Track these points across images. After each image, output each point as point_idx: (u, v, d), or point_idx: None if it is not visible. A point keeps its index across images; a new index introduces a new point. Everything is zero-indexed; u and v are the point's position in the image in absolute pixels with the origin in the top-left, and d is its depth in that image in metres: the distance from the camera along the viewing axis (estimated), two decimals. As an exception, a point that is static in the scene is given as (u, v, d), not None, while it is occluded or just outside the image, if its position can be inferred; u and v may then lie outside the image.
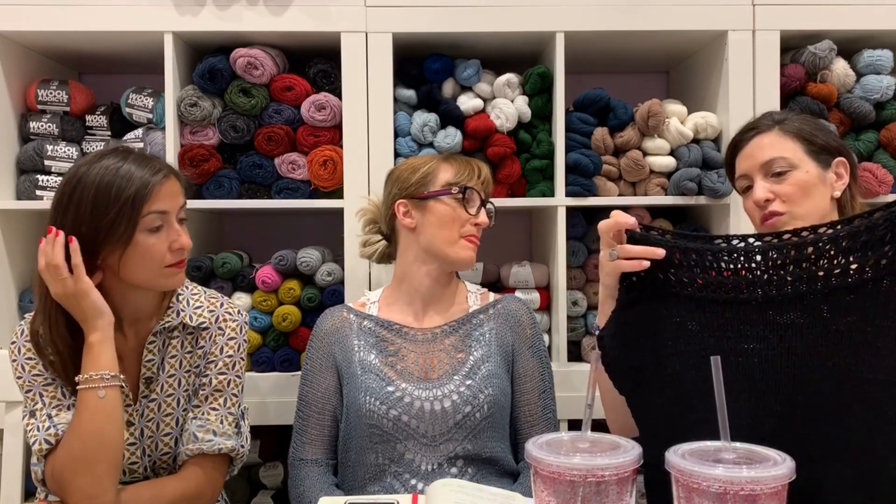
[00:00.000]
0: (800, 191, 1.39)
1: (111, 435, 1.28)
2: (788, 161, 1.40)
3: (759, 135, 1.46)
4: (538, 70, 1.97)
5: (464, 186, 1.56)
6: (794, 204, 1.39)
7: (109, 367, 1.30)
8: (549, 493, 0.89)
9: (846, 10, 1.95)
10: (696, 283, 1.08)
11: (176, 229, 1.38)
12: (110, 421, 1.28)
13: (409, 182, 1.58)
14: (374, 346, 1.57)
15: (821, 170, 1.41)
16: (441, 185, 1.57)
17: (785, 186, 1.40)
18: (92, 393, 1.28)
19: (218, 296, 1.54)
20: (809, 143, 1.41)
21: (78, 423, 1.28)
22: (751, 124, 1.50)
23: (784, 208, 1.39)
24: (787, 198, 1.39)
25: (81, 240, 1.30)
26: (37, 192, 2.00)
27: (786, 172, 1.40)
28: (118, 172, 1.31)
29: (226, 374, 1.46)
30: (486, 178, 1.62)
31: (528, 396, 1.58)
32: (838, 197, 1.41)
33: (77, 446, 1.27)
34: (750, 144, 1.47)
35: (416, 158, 1.66)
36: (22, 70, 2.07)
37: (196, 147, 1.95)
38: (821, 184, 1.40)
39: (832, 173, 1.42)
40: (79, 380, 1.29)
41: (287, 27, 1.93)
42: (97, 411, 1.27)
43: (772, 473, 0.82)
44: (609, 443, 0.93)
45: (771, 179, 1.42)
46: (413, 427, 1.49)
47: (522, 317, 1.62)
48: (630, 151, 1.98)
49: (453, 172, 1.58)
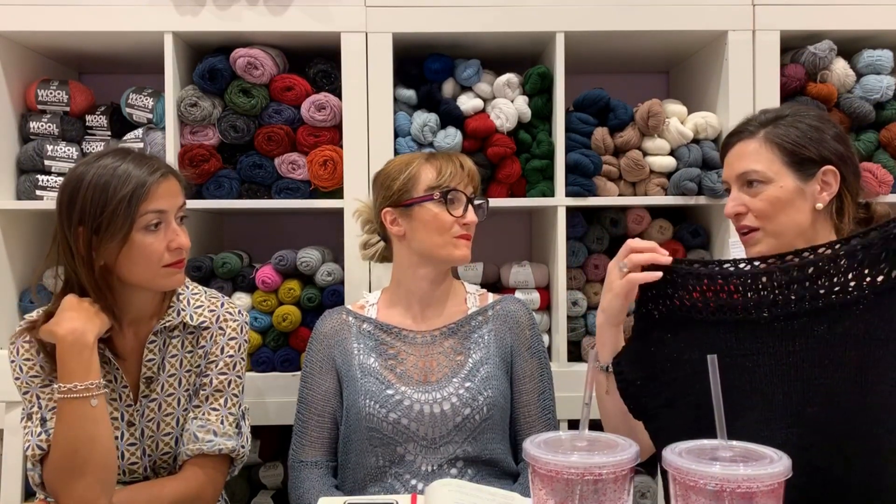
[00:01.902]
0: (771, 207, 1.33)
1: (103, 442, 1.28)
2: (762, 174, 1.34)
3: (742, 141, 1.39)
4: (538, 70, 1.97)
5: (446, 189, 1.53)
6: (767, 220, 1.34)
7: (98, 375, 1.30)
8: (547, 492, 0.89)
9: (846, 10, 1.95)
10: (709, 307, 1.13)
11: (174, 229, 1.38)
12: (102, 429, 1.28)
13: (392, 190, 1.56)
14: (373, 349, 1.57)
15: (799, 182, 1.33)
16: (424, 190, 1.54)
17: (757, 202, 1.35)
18: (83, 402, 1.27)
19: (219, 295, 1.54)
20: (791, 154, 1.34)
21: (68, 430, 1.27)
22: (739, 126, 1.43)
23: (757, 224, 1.35)
24: (758, 213, 1.35)
25: (81, 238, 1.31)
26: (37, 192, 2.00)
27: (760, 185, 1.35)
28: (116, 172, 1.32)
29: (226, 374, 1.46)
30: (471, 171, 1.58)
31: (528, 397, 1.58)
32: (821, 208, 1.34)
33: (70, 454, 1.26)
34: (732, 151, 1.41)
35: (399, 158, 1.62)
36: (22, 70, 2.07)
37: (196, 147, 1.95)
38: (797, 198, 1.33)
39: (816, 184, 1.33)
40: (66, 388, 1.27)
41: (287, 27, 1.93)
42: (86, 419, 1.27)
43: (768, 471, 0.82)
44: (606, 441, 0.93)
45: (745, 191, 1.37)
46: (413, 430, 1.49)
47: (521, 318, 1.62)
48: (630, 151, 1.98)
49: (435, 174, 1.54)
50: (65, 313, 1.31)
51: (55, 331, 1.29)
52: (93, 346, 1.29)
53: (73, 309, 1.32)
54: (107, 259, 1.34)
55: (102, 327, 1.33)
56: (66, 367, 1.27)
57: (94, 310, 1.33)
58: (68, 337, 1.27)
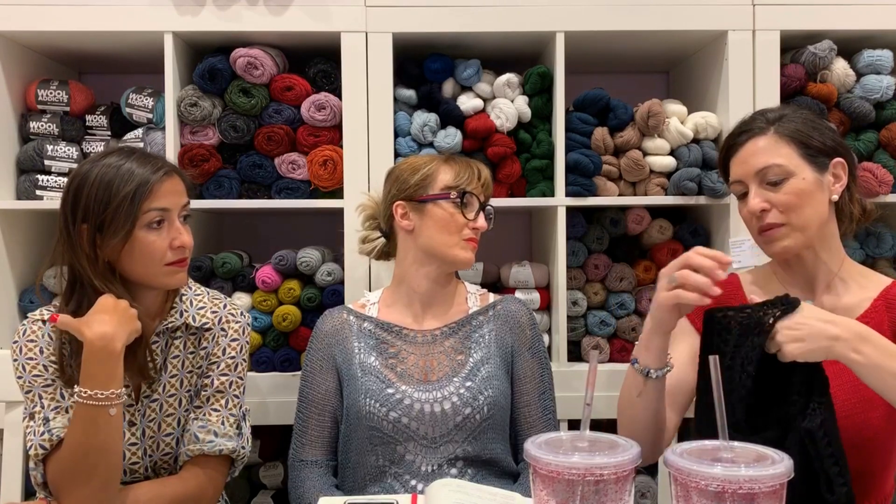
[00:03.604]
0: (797, 199, 1.33)
1: (114, 449, 1.28)
2: (784, 168, 1.33)
3: (753, 138, 1.37)
4: (538, 70, 1.97)
5: (462, 191, 1.55)
6: (792, 214, 1.33)
7: (121, 384, 1.28)
8: (548, 493, 0.89)
9: (846, 10, 1.95)
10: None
11: (177, 227, 1.38)
12: (116, 436, 1.28)
13: (408, 184, 1.57)
14: (373, 348, 1.57)
15: (817, 174, 1.34)
16: (440, 189, 1.56)
17: (781, 196, 1.33)
18: (101, 409, 1.25)
19: (221, 297, 1.54)
20: (805, 147, 1.34)
21: (81, 434, 1.26)
22: (744, 125, 1.42)
23: (782, 219, 1.34)
24: (784, 207, 1.33)
25: (85, 235, 1.32)
26: (37, 192, 2.00)
27: (781, 181, 1.33)
28: (119, 170, 1.33)
29: (228, 375, 1.46)
30: (486, 180, 1.61)
31: (528, 398, 1.58)
32: (836, 199, 1.36)
33: (80, 458, 1.26)
34: (744, 149, 1.39)
35: (417, 158, 1.65)
36: (22, 70, 2.07)
37: (196, 147, 1.95)
38: (818, 189, 1.34)
39: (830, 175, 1.36)
40: (87, 394, 1.25)
41: (287, 27, 1.93)
42: (101, 427, 1.26)
43: (770, 472, 0.82)
44: (607, 442, 0.93)
45: (766, 187, 1.35)
46: (413, 429, 1.49)
47: (522, 318, 1.62)
48: (630, 151, 1.98)
49: (453, 175, 1.56)
50: (97, 315, 1.29)
51: (84, 331, 1.27)
52: (119, 354, 1.27)
53: (107, 311, 1.30)
54: (110, 257, 1.34)
55: (133, 334, 1.32)
56: (90, 372, 1.26)
57: (130, 314, 1.32)
58: (96, 342, 1.25)
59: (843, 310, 1.35)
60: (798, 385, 1.11)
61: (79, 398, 1.25)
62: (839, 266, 1.40)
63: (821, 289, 1.40)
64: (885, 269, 2.03)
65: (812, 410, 1.09)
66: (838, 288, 1.39)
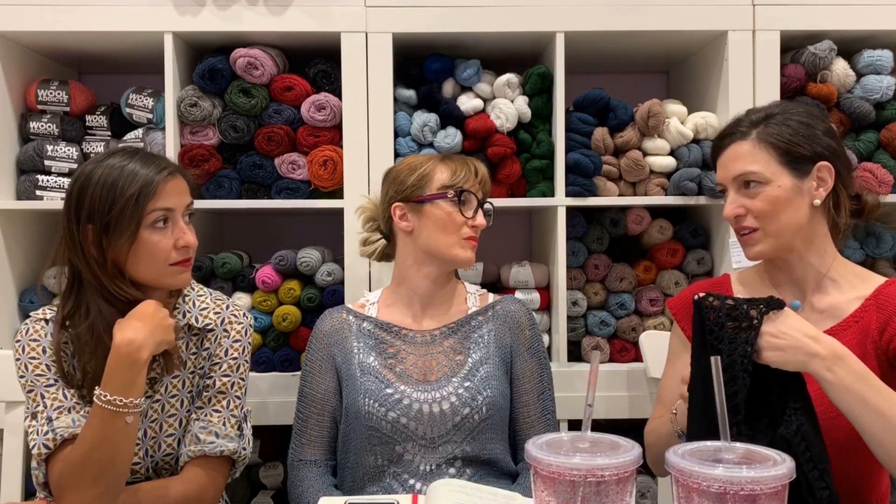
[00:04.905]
0: (770, 207, 1.34)
1: (125, 458, 1.27)
2: (760, 175, 1.34)
3: (735, 143, 1.39)
4: (538, 70, 1.97)
5: (460, 189, 1.55)
6: (766, 220, 1.35)
7: (141, 393, 1.27)
8: (549, 493, 0.89)
9: (846, 10, 1.95)
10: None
11: (181, 227, 1.39)
12: (129, 444, 1.27)
13: (405, 185, 1.57)
14: (373, 348, 1.57)
15: (796, 180, 1.35)
16: (437, 188, 1.55)
17: (756, 202, 1.35)
18: (118, 416, 1.24)
19: (224, 298, 1.54)
20: (785, 153, 1.35)
21: (95, 437, 1.25)
22: (729, 128, 1.43)
23: (756, 224, 1.36)
24: (758, 213, 1.35)
25: (90, 236, 1.32)
26: (37, 192, 2.00)
27: (758, 186, 1.35)
28: (123, 170, 1.33)
29: (230, 376, 1.46)
30: (484, 177, 1.61)
31: (527, 398, 1.58)
32: (819, 204, 1.36)
33: (89, 460, 1.25)
34: (725, 154, 1.41)
35: (413, 158, 1.64)
36: (22, 70, 2.07)
37: (196, 147, 1.95)
38: (795, 196, 1.35)
39: (813, 180, 1.35)
40: (106, 398, 1.24)
41: (287, 27, 1.93)
42: (115, 433, 1.25)
43: (771, 473, 0.82)
44: (609, 443, 0.93)
45: (743, 193, 1.37)
46: (412, 429, 1.49)
47: (521, 318, 1.62)
48: (630, 151, 1.98)
49: (449, 174, 1.56)
50: (131, 320, 1.28)
51: (115, 334, 1.26)
52: (144, 363, 1.26)
53: (143, 318, 1.29)
54: (116, 257, 1.34)
55: (163, 345, 1.31)
56: (112, 377, 1.25)
57: (165, 324, 1.31)
58: (122, 348, 1.25)
59: (832, 309, 1.37)
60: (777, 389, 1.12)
61: (97, 401, 1.24)
62: (828, 266, 1.40)
63: (810, 289, 1.40)
64: (884, 270, 2.03)
65: (787, 417, 1.09)
66: (828, 288, 1.39)
